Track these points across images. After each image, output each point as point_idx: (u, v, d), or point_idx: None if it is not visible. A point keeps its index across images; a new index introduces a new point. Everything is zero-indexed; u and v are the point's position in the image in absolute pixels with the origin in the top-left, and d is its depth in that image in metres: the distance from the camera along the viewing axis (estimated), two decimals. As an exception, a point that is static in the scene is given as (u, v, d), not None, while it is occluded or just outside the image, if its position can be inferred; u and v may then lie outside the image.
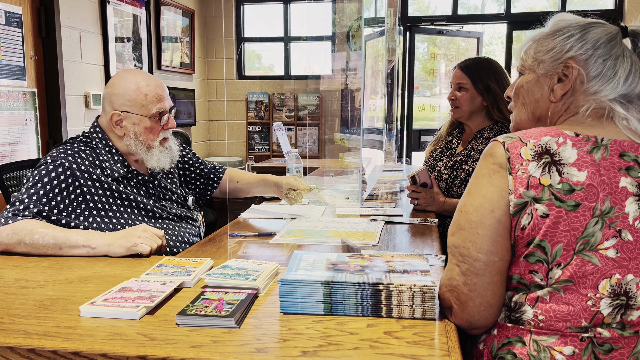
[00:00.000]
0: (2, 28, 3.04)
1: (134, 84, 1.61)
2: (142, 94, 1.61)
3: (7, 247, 1.40)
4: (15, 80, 3.15)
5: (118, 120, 1.61)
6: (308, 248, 1.50)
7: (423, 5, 5.67)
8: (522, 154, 0.92)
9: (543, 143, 0.92)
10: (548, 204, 0.88)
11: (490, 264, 0.92)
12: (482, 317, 0.94)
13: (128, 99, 1.60)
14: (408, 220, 1.85)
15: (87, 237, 1.41)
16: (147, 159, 1.65)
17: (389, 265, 1.08)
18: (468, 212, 0.94)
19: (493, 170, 0.93)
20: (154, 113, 1.62)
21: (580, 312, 0.88)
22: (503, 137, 0.96)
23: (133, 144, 1.63)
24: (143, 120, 1.62)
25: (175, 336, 0.90)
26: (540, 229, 0.89)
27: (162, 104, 1.64)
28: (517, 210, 0.90)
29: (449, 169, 2.04)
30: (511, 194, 0.90)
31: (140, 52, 4.44)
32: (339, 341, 0.87)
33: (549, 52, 1.01)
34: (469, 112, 2.05)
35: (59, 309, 1.02)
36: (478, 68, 2.04)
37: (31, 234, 1.39)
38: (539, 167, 0.90)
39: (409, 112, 5.37)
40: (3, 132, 3.08)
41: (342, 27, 4.55)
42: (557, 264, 0.89)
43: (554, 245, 0.89)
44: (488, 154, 0.95)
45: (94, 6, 3.84)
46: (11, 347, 0.87)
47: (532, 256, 0.91)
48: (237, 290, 1.07)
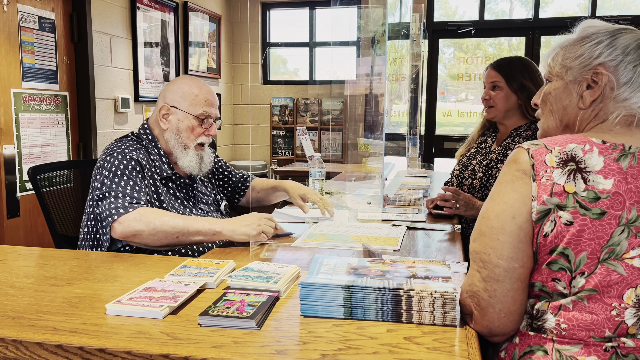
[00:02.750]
0: (36, 33, 3.14)
1: (188, 86, 1.72)
2: (193, 93, 1.71)
3: (135, 232, 1.47)
4: (48, 84, 3.25)
5: (165, 113, 1.70)
6: (330, 252, 1.51)
7: (450, 10, 5.63)
8: (547, 160, 0.91)
9: (568, 150, 0.91)
10: (572, 211, 0.87)
11: (510, 270, 0.91)
12: (502, 323, 0.93)
13: (180, 95, 1.70)
14: (431, 226, 1.84)
15: (210, 222, 1.52)
16: (180, 156, 1.72)
17: (410, 270, 1.08)
18: (489, 218, 0.94)
19: (516, 176, 0.93)
20: (199, 113, 1.70)
21: (603, 321, 0.87)
22: (528, 144, 0.95)
23: (173, 139, 1.71)
24: (188, 118, 1.70)
25: (197, 336, 0.91)
26: (564, 236, 0.88)
27: (209, 109, 1.72)
28: (540, 217, 0.89)
29: (484, 167, 2.02)
30: (534, 200, 0.90)
31: (168, 56, 4.52)
32: (359, 345, 0.88)
33: (578, 59, 1.00)
34: (504, 110, 2.03)
35: (86, 306, 1.04)
36: (511, 66, 2.02)
37: (160, 218, 1.47)
38: (563, 175, 0.89)
39: (432, 117, 5.34)
40: (36, 134, 3.17)
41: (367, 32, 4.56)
42: (581, 273, 0.88)
43: (578, 254, 0.88)
44: (512, 161, 0.95)
45: (124, 12, 3.93)
46: (39, 342, 0.90)
47: (555, 264, 0.90)
48: (258, 292, 1.08)
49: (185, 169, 1.73)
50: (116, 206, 1.50)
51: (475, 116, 5.32)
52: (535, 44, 5.07)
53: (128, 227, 1.46)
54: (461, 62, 5.37)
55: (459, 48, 5.55)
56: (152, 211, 1.50)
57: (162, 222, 1.46)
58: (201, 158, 1.76)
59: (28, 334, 0.91)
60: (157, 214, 1.49)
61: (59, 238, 1.88)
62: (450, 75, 5.50)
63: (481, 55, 5.37)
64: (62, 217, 1.97)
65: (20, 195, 3.07)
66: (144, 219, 1.47)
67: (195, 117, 1.70)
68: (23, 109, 3.06)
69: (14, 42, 2.99)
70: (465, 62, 5.33)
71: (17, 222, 3.07)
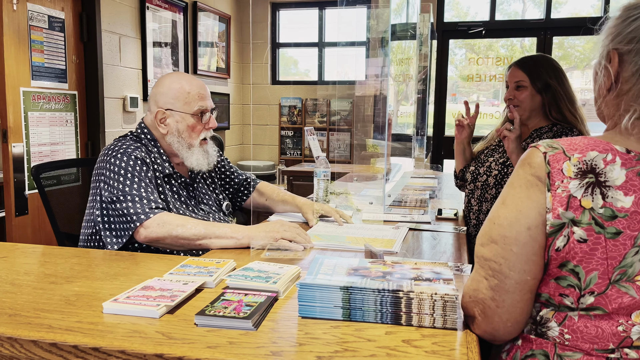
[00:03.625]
0: (46, 32, 3.16)
1: (177, 84, 1.69)
2: (185, 92, 1.68)
3: (158, 238, 1.48)
4: (57, 83, 3.26)
5: (162, 118, 1.69)
6: (331, 253, 1.49)
7: (461, 11, 5.59)
8: (564, 169, 0.84)
9: (589, 159, 0.84)
10: (587, 228, 0.82)
11: (522, 282, 0.86)
12: (508, 332, 0.90)
13: (172, 97, 1.68)
14: (435, 227, 1.82)
15: (232, 229, 1.51)
16: (187, 156, 1.71)
17: (411, 272, 1.06)
18: (502, 225, 0.87)
19: (531, 182, 0.86)
20: (196, 110, 1.69)
21: (609, 336, 0.83)
22: (544, 146, 0.87)
23: (175, 142, 1.69)
24: (186, 118, 1.69)
25: (192, 336, 0.90)
26: (576, 253, 0.82)
27: (204, 102, 1.71)
28: (554, 231, 0.84)
29: (500, 165, 1.98)
30: (549, 212, 0.84)
31: (177, 56, 4.54)
32: (356, 348, 0.86)
33: (602, 39, 0.91)
34: (529, 110, 1.97)
35: (84, 304, 1.04)
36: (536, 65, 1.95)
37: (183, 225, 1.48)
38: (581, 187, 0.83)
39: (442, 118, 5.31)
40: (45, 132, 3.19)
41: (376, 32, 4.54)
42: (590, 292, 0.83)
43: (589, 273, 0.83)
44: (526, 163, 0.87)
45: (133, 12, 3.95)
46: (34, 340, 0.89)
47: (564, 280, 0.85)
48: (257, 293, 1.07)
49: (194, 167, 1.73)
50: (138, 210, 1.49)
51: (487, 117, 5.28)
52: (547, 45, 5.01)
53: (152, 232, 1.47)
54: (472, 63, 5.33)
55: (470, 49, 5.51)
56: (174, 217, 1.50)
57: (185, 229, 1.47)
58: (207, 152, 1.76)
59: (23, 332, 0.91)
60: (179, 220, 1.49)
61: (61, 236, 1.88)
62: (461, 77, 5.46)
63: (493, 57, 5.32)
64: (68, 215, 1.97)
65: (29, 193, 3.09)
66: (167, 225, 1.47)
67: (193, 115, 1.69)
68: (32, 108, 3.08)
69: (23, 41, 3.01)
70: (477, 63, 5.29)
71: (25, 220, 3.09)
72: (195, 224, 1.49)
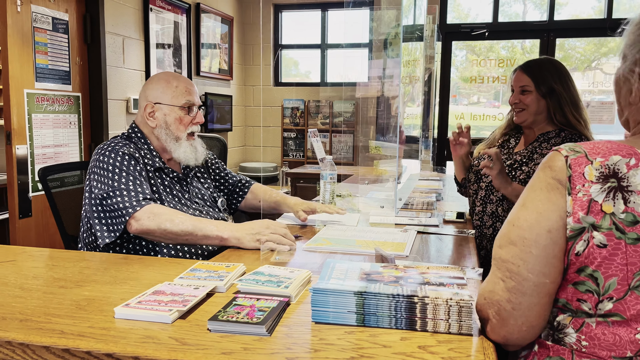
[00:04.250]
0: (49, 34, 3.15)
1: (165, 79, 1.78)
2: (172, 86, 1.76)
3: (148, 230, 1.51)
4: (61, 85, 3.26)
5: (151, 111, 1.75)
6: (341, 257, 1.49)
7: (462, 12, 5.59)
8: (586, 173, 0.83)
9: (611, 164, 0.83)
10: (607, 233, 0.81)
11: (540, 285, 0.85)
12: (522, 336, 0.89)
13: (160, 91, 1.75)
14: (443, 230, 1.81)
15: (218, 227, 1.54)
16: (174, 149, 1.76)
17: (424, 277, 1.05)
18: (521, 227, 0.87)
19: (551, 185, 0.85)
20: (184, 103, 1.75)
21: (626, 343, 0.82)
22: (567, 150, 0.86)
23: (163, 134, 1.75)
24: (173, 111, 1.74)
25: (206, 342, 0.89)
26: (595, 258, 0.82)
27: (191, 97, 1.77)
28: (574, 235, 0.83)
29: (507, 167, 1.96)
30: (569, 216, 0.83)
31: (180, 58, 4.53)
32: (372, 354, 0.85)
33: (632, 47, 0.89)
34: (534, 114, 1.96)
35: (95, 309, 1.03)
36: (541, 69, 1.95)
37: (172, 218, 1.51)
38: (602, 191, 0.82)
39: (445, 120, 5.30)
40: (48, 134, 3.19)
41: (379, 34, 4.53)
42: (609, 298, 0.82)
43: (608, 278, 0.82)
44: (547, 166, 0.87)
45: (136, 13, 3.94)
46: (47, 346, 0.88)
47: (582, 285, 0.84)
48: (269, 297, 1.06)
49: (182, 160, 1.78)
50: (129, 203, 1.53)
51: (488, 119, 5.27)
52: (550, 47, 5.01)
53: (142, 224, 1.51)
54: (474, 64, 5.32)
55: (471, 51, 5.50)
56: (164, 211, 1.54)
57: (173, 224, 1.51)
58: (195, 148, 1.81)
59: (35, 337, 0.90)
60: (168, 215, 1.53)
61: (68, 239, 1.87)
62: (462, 78, 5.46)
63: (494, 58, 5.32)
64: (73, 218, 1.97)
65: (33, 196, 3.08)
66: (156, 218, 1.51)
67: (181, 108, 1.75)
68: (36, 110, 3.08)
69: (27, 42, 3.01)
70: (478, 64, 5.28)
71: (29, 223, 3.08)
72: (184, 220, 1.52)
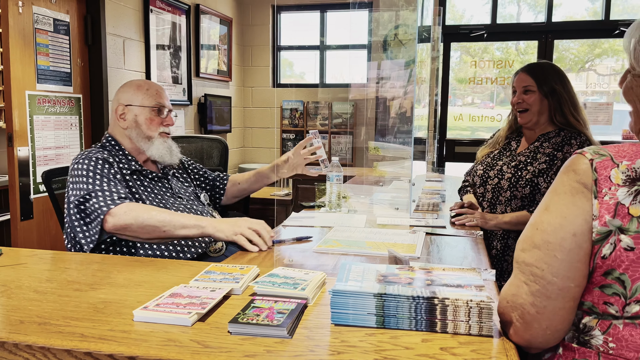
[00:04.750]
0: (51, 35, 3.14)
1: (136, 84, 1.83)
2: (144, 88, 1.81)
3: (125, 225, 1.52)
4: (62, 86, 3.25)
5: (122, 113, 1.79)
6: (352, 258, 1.49)
7: (457, 14, 5.62)
8: (612, 177, 0.84)
9: (638, 167, 0.83)
10: (634, 236, 0.81)
11: (565, 289, 0.86)
12: (545, 340, 0.89)
13: (131, 93, 1.80)
14: (452, 232, 1.82)
15: (195, 218, 1.57)
16: (147, 148, 1.79)
17: (441, 278, 1.06)
18: (546, 231, 0.87)
19: (576, 189, 0.85)
20: (154, 104, 1.80)
21: None
22: (591, 153, 0.86)
23: (134, 134, 1.78)
24: (144, 111, 1.79)
25: (228, 344, 0.89)
26: (622, 261, 0.82)
27: (161, 100, 1.81)
28: (600, 238, 0.83)
29: (512, 168, 2.01)
30: (595, 220, 0.83)
31: (179, 59, 4.53)
32: (395, 356, 0.85)
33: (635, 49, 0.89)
34: (538, 114, 2.01)
35: (113, 312, 1.03)
36: (543, 71, 2.01)
37: (147, 211, 1.53)
38: (629, 195, 0.82)
39: (444, 121, 5.32)
40: (50, 136, 3.17)
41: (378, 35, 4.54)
42: (636, 300, 0.83)
43: (635, 281, 0.82)
44: (571, 170, 0.87)
45: (137, 14, 3.93)
46: (68, 350, 0.88)
47: (609, 288, 0.84)
48: (286, 300, 1.06)
49: (156, 157, 1.80)
50: (104, 202, 1.55)
51: (487, 120, 5.29)
52: (548, 48, 5.03)
53: (119, 220, 1.52)
54: (469, 66, 5.34)
55: (466, 52, 5.53)
56: (139, 205, 1.57)
57: (150, 215, 1.52)
58: (169, 145, 1.83)
59: (56, 341, 0.90)
60: (145, 208, 1.55)
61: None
62: (457, 79, 5.48)
63: (489, 60, 5.34)
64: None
65: (34, 198, 3.06)
66: (132, 212, 1.53)
67: (151, 109, 1.79)
68: (37, 111, 3.06)
69: (28, 44, 2.99)
70: (474, 66, 5.30)
71: (30, 224, 3.07)
72: (160, 212, 1.55)
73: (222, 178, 2.13)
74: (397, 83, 3.26)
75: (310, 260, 1.48)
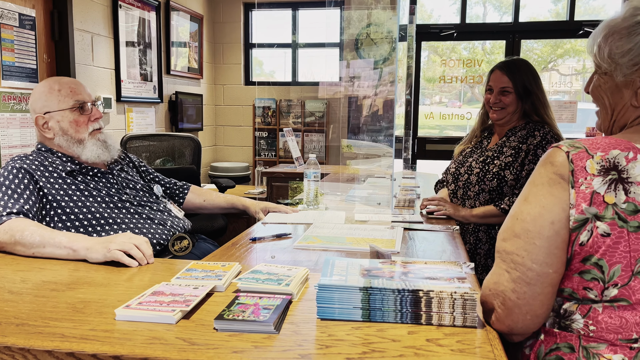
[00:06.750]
0: (16, 30, 3.04)
1: (46, 86, 1.69)
2: (55, 90, 1.67)
3: (3, 244, 1.41)
4: (27, 83, 3.15)
5: (44, 123, 1.67)
6: (333, 254, 1.49)
7: (425, 13, 5.69)
8: (588, 167, 0.87)
9: (611, 157, 0.87)
10: (610, 223, 0.85)
11: (543, 275, 0.89)
12: (526, 325, 0.92)
13: (45, 100, 1.67)
14: (429, 227, 1.84)
15: (70, 239, 1.38)
16: (81, 152, 1.69)
17: (424, 271, 1.07)
18: (525, 220, 0.90)
19: (553, 180, 0.89)
20: (72, 105, 1.68)
21: (632, 325, 0.87)
22: (567, 146, 0.90)
23: (64, 141, 1.68)
24: (65, 115, 1.67)
25: (215, 341, 0.88)
26: (599, 247, 0.86)
27: (78, 96, 1.70)
28: (577, 226, 0.87)
29: (480, 163, 2.06)
30: (572, 208, 0.87)
31: (149, 56, 4.44)
32: (382, 348, 0.86)
33: (627, 55, 0.92)
34: (512, 114, 2.06)
35: (93, 312, 1.00)
36: (519, 70, 2.04)
37: (22, 231, 1.40)
38: (604, 184, 0.86)
39: (415, 120, 5.38)
40: (15, 134, 3.08)
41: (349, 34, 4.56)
42: (614, 284, 0.87)
43: (612, 266, 0.86)
44: (548, 162, 0.91)
45: (105, 10, 3.84)
46: (49, 350, 0.86)
47: (588, 274, 0.88)
48: (271, 295, 1.06)
49: (93, 159, 1.71)
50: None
51: (457, 118, 5.38)
52: (515, 48, 5.15)
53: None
54: (437, 65, 5.42)
55: (434, 51, 5.60)
56: (22, 223, 1.42)
57: (22, 236, 1.38)
58: (104, 142, 1.74)
59: (36, 342, 0.87)
60: (24, 226, 1.41)
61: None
62: (425, 78, 5.55)
63: (457, 59, 5.42)
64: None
65: (-1, 198, 2.96)
66: (10, 231, 1.40)
67: (72, 110, 1.68)
68: (2, 109, 2.96)
69: (-8, 39, 2.89)
70: (443, 64, 5.38)
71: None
72: (34, 232, 1.39)
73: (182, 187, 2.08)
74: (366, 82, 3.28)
75: (289, 256, 1.48)
